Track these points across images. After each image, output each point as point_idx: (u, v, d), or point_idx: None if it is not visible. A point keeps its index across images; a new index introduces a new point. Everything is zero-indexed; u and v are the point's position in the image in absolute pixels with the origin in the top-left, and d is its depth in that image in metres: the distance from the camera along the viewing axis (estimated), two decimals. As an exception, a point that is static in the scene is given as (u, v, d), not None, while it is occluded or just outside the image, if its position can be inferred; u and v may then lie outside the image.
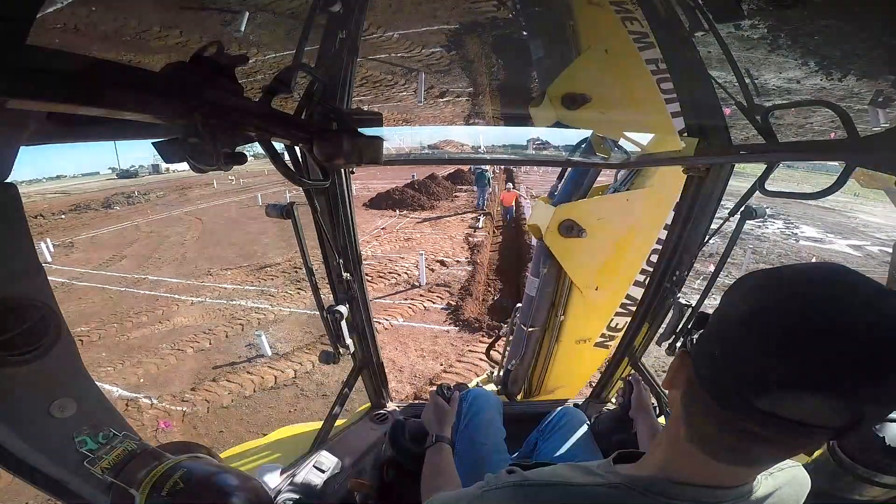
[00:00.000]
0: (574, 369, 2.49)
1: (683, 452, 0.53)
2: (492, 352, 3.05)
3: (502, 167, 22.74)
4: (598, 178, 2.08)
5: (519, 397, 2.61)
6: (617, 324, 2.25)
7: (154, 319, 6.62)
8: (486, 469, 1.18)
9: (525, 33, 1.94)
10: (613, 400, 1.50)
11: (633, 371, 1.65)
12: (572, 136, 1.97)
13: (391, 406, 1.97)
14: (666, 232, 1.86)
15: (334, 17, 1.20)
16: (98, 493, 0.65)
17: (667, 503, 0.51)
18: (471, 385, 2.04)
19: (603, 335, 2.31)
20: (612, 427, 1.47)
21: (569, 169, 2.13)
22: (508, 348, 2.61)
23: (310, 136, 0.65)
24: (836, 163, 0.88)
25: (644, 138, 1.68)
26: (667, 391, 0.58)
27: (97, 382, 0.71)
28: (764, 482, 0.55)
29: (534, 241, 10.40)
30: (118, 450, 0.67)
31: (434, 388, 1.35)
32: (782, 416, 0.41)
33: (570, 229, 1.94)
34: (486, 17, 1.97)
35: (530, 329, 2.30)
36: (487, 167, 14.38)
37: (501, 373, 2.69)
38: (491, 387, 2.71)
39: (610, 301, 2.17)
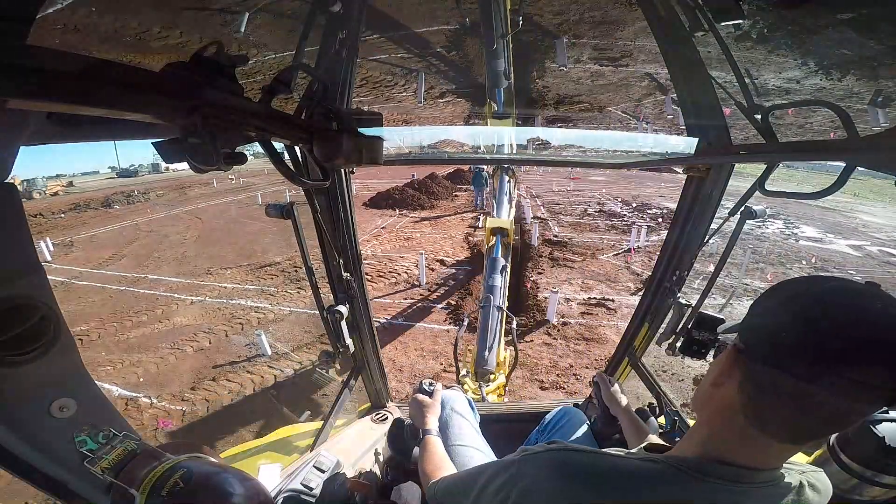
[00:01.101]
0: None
1: (737, 436, 0.56)
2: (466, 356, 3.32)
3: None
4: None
5: (494, 392, 2.75)
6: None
7: (154, 318, 6.62)
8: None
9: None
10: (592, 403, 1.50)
11: (600, 373, 1.65)
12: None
13: (391, 406, 1.97)
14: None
15: (334, 17, 1.20)
16: (98, 493, 0.64)
17: (704, 480, 0.55)
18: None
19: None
20: (611, 427, 1.47)
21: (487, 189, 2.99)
22: (478, 343, 3.02)
23: (310, 136, 0.65)
24: (836, 162, 0.88)
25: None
26: (706, 391, 0.60)
27: (97, 382, 0.71)
28: (788, 474, 0.58)
29: (534, 240, 10.36)
30: (118, 450, 0.67)
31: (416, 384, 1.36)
32: (866, 384, 0.44)
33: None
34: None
35: (506, 305, 3.00)
36: (485, 167, 14.38)
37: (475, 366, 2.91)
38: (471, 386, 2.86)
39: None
